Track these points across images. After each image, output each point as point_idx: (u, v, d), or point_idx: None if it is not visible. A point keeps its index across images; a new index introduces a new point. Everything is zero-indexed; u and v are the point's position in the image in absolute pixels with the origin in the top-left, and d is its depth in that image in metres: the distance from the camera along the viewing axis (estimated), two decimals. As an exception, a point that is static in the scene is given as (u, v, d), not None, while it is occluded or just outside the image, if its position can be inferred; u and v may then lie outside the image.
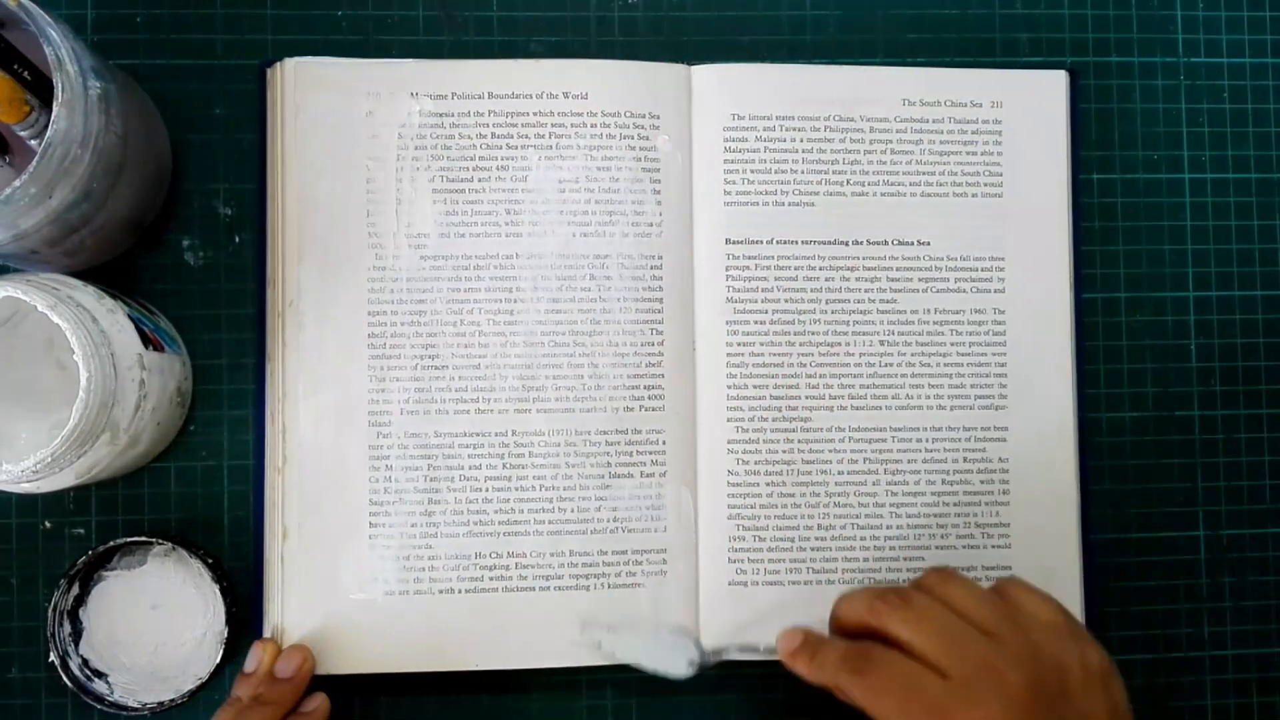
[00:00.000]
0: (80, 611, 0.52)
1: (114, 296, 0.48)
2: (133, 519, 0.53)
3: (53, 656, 0.50)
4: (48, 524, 0.53)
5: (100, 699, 0.50)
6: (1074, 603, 0.54)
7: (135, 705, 0.50)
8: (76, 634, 0.51)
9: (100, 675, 0.51)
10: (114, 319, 0.46)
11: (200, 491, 0.54)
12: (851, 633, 0.44)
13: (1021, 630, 0.42)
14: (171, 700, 0.50)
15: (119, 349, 0.45)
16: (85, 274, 0.50)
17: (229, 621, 0.50)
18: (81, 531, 0.53)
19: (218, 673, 0.51)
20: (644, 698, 0.54)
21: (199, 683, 0.50)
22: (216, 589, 0.51)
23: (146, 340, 0.48)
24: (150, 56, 0.54)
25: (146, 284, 0.54)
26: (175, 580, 0.52)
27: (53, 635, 0.50)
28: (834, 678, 0.43)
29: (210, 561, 0.51)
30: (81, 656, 0.51)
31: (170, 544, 0.50)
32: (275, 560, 0.52)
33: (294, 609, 0.52)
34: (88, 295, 0.46)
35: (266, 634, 0.52)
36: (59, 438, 0.43)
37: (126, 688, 0.51)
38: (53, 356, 0.50)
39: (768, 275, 0.54)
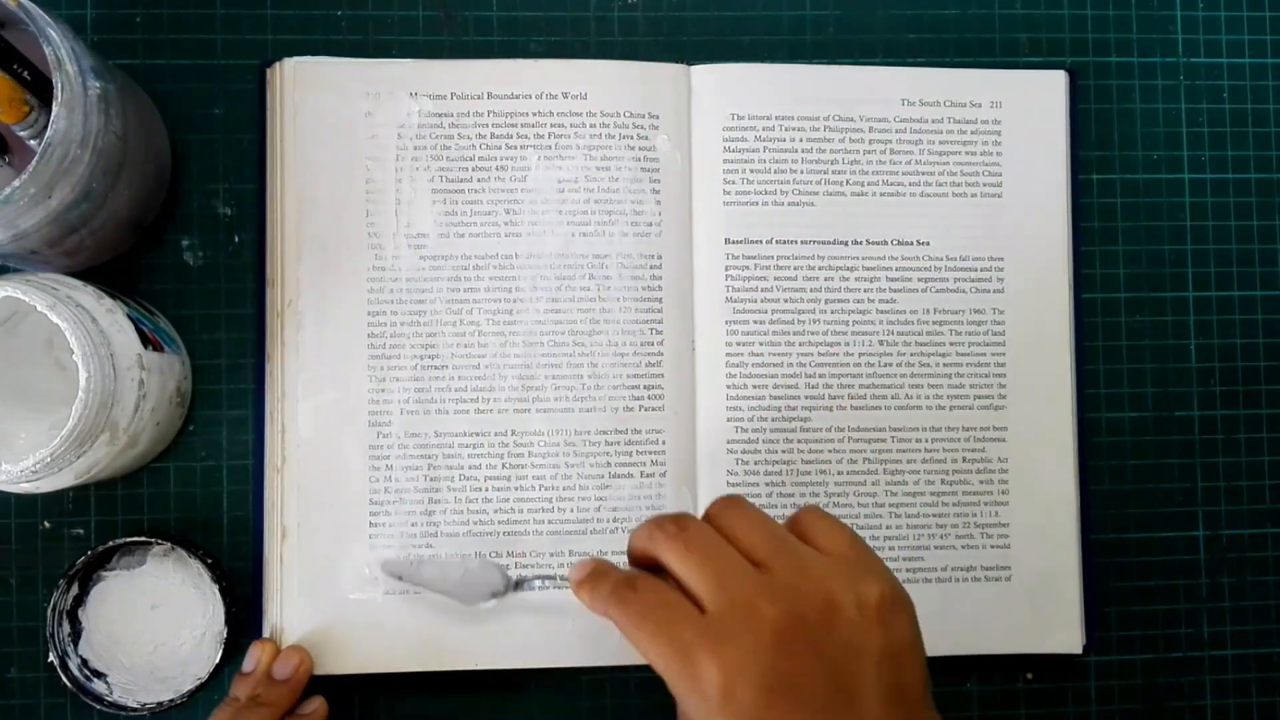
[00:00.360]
0: (80, 611, 0.52)
1: (113, 296, 0.48)
2: (132, 519, 0.53)
3: (52, 656, 0.50)
4: (47, 524, 0.53)
5: (99, 699, 0.50)
6: (1074, 603, 0.54)
7: (134, 705, 0.50)
8: (76, 634, 0.51)
9: (99, 675, 0.51)
10: (113, 319, 0.46)
11: (200, 491, 0.54)
12: (641, 565, 0.42)
13: (796, 561, 0.40)
14: (171, 700, 0.50)
15: (118, 349, 0.45)
16: (85, 274, 0.50)
17: (228, 622, 0.50)
18: (81, 532, 0.53)
19: (217, 673, 0.50)
20: (644, 698, 0.54)
21: (198, 683, 0.50)
22: (216, 589, 0.51)
23: (146, 340, 0.48)
24: (150, 56, 0.54)
25: (146, 284, 0.54)
26: (174, 580, 0.52)
27: (52, 635, 0.50)
28: (604, 607, 0.41)
29: (210, 561, 0.51)
30: (81, 656, 0.51)
31: (169, 544, 0.50)
32: (274, 560, 0.52)
33: (293, 609, 0.52)
34: (87, 295, 0.46)
35: (265, 634, 0.52)
36: (58, 438, 0.43)
37: (126, 688, 0.51)
38: (52, 356, 0.50)
39: (767, 275, 0.54)
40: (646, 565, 0.41)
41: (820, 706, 0.37)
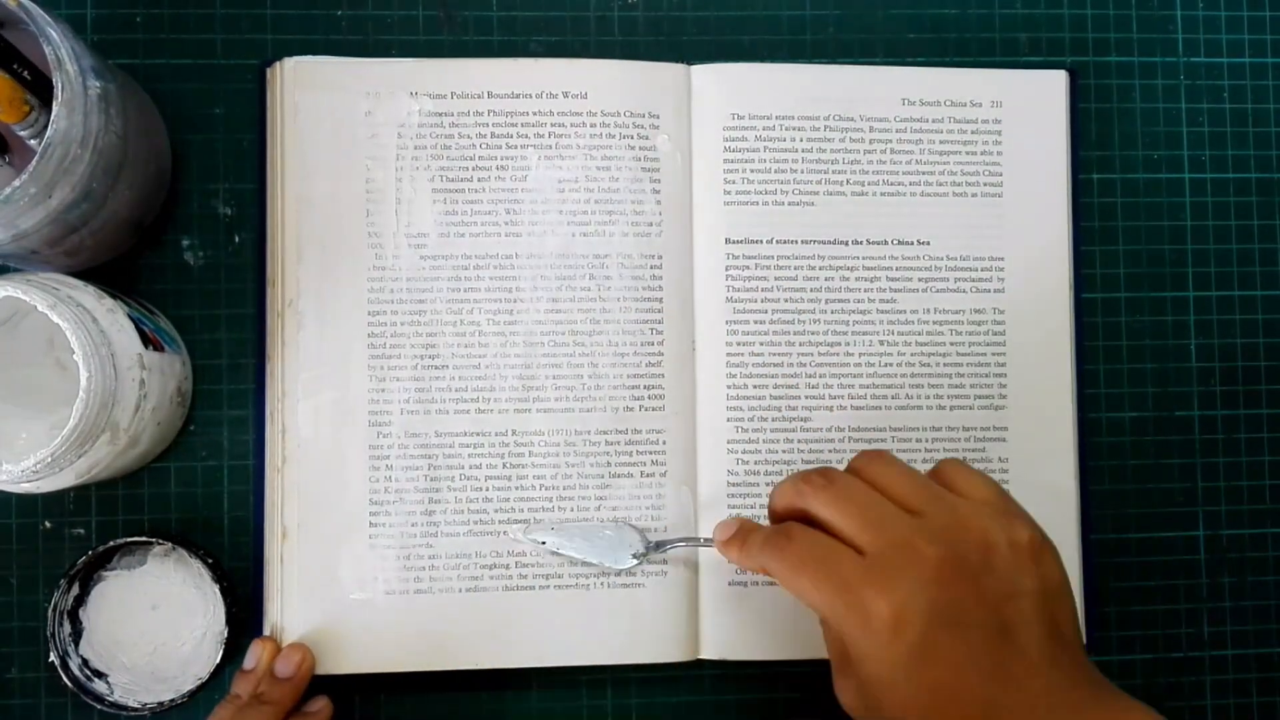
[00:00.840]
0: (80, 611, 0.51)
1: (114, 296, 0.48)
2: (133, 519, 0.53)
3: (53, 656, 0.50)
4: (48, 524, 0.53)
5: (100, 699, 0.50)
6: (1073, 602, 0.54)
7: (135, 705, 0.50)
8: (76, 634, 0.51)
9: (100, 675, 0.51)
10: (114, 319, 0.46)
11: (200, 491, 0.53)
12: (784, 519, 0.43)
13: (947, 506, 0.41)
14: (171, 700, 0.50)
15: (119, 349, 0.45)
16: (85, 274, 0.50)
17: (229, 621, 0.50)
18: (81, 532, 0.53)
19: (218, 673, 0.50)
20: (644, 698, 0.54)
21: (199, 683, 0.50)
22: (216, 589, 0.51)
23: (146, 340, 0.48)
24: (150, 56, 0.54)
25: (146, 284, 0.54)
26: (175, 580, 0.52)
27: (52, 635, 0.50)
28: (758, 559, 0.43)
29: (210, 561, 0.51)
30: (81, 656, 0.51)
31: (170, 544, 0.50)
32: (275, 560, 0.52)
33: (294, 609, 0.52)
34: (88, 295, 0.46)
35: (266, 634, 0.52)
36: (59, 438, 0.43)
37: (126, 688, 0.51)
38: (53, 356, 0.50)
39: (767, 275, 0.54)
40: (789, 520, 0.43)
41: (982, 639, 0.39)
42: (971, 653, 0.39)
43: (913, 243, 0.55)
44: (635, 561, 0.52)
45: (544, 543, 0.52)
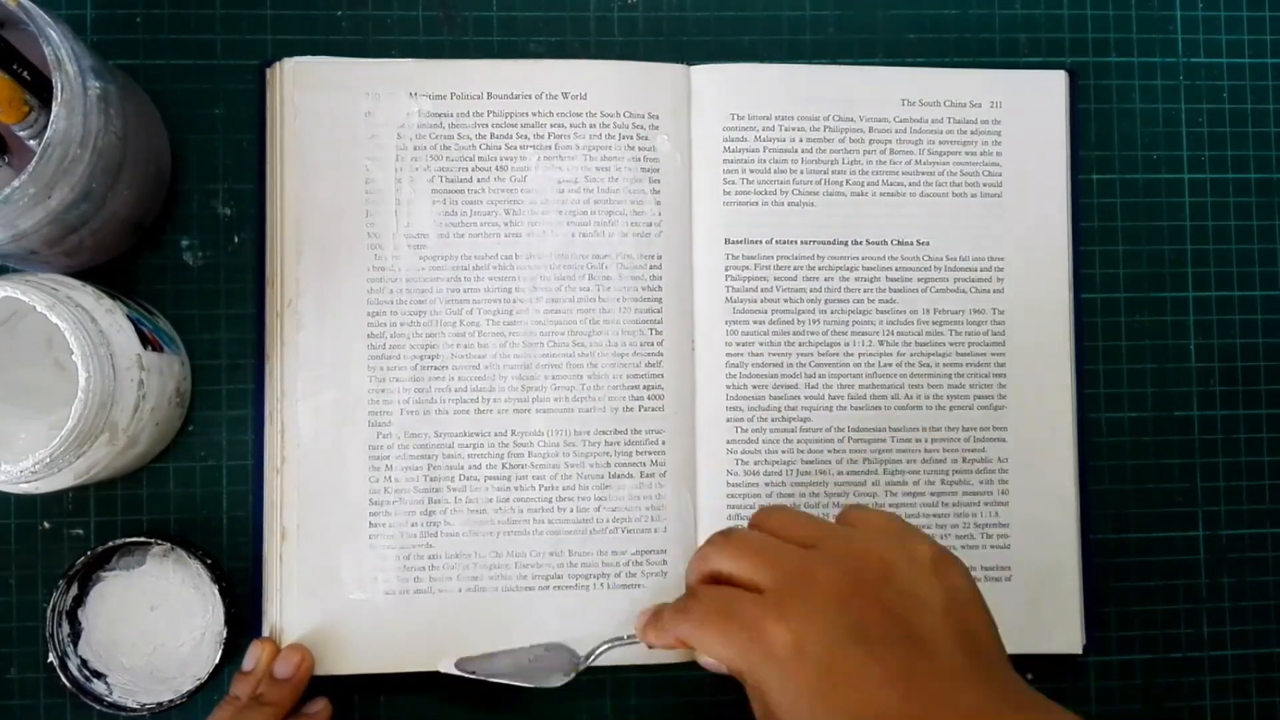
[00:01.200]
0: (79, 612, 0.51)
1: (113, 297, 0.48)
2: (132, 519, 0.53)
3: (51, 657, 0.50)
4: (47, 524, 0.53)
5: (99, 699, 0.50)
6: (1074, 603, 0.54)
7: (134, 706, 0.50)
8: (75, 634, 0.51)
9: (99, 676, 0.51)
10: (113, 319, 0.46)
11: (199, 492, 0.53)
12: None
13: (842, 536, 0.41)
14: (170, 701, 0.50)
15: (118, 349, 0.45)
16: (85, 274, 0.50)
17: (228, 622, 0.50)
18: (80, 532, 0.53)
19: (216, 673, 0.50)
20: (643, 698, 0.54)
21: (198, 683, 0.50)
22: (215, 589, 0.50)
23: (145, 340, 0.48)
24: (150, 56, 0.54)
25: (146, 284, 0.54)
26: (174, 581, 0.52)
27: (51, 635, 0.50)
28: (671, 631, 0.43)
29: (209, 562, 0.51)
30: (80, 657, 0.51)
31: (169, 544, 0.50)
32: (274, 560, 0.52)
33: (293, 609, 0.52)
34: (87, 295, 0.46)
35: (265, 634, 0.52)
36: (57, 438, 0.43)
37: (125, 688, 0.51)
38: (51, 357, 0.50)
39: (767, 275, 0.54)
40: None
41: (892, 654, 0.38)
42: (883, 669, 0.38)
43: (912, 243, 0.55)
44: (567, 679, 0.51)
45: (472, 673, 0.51)
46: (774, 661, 0.38)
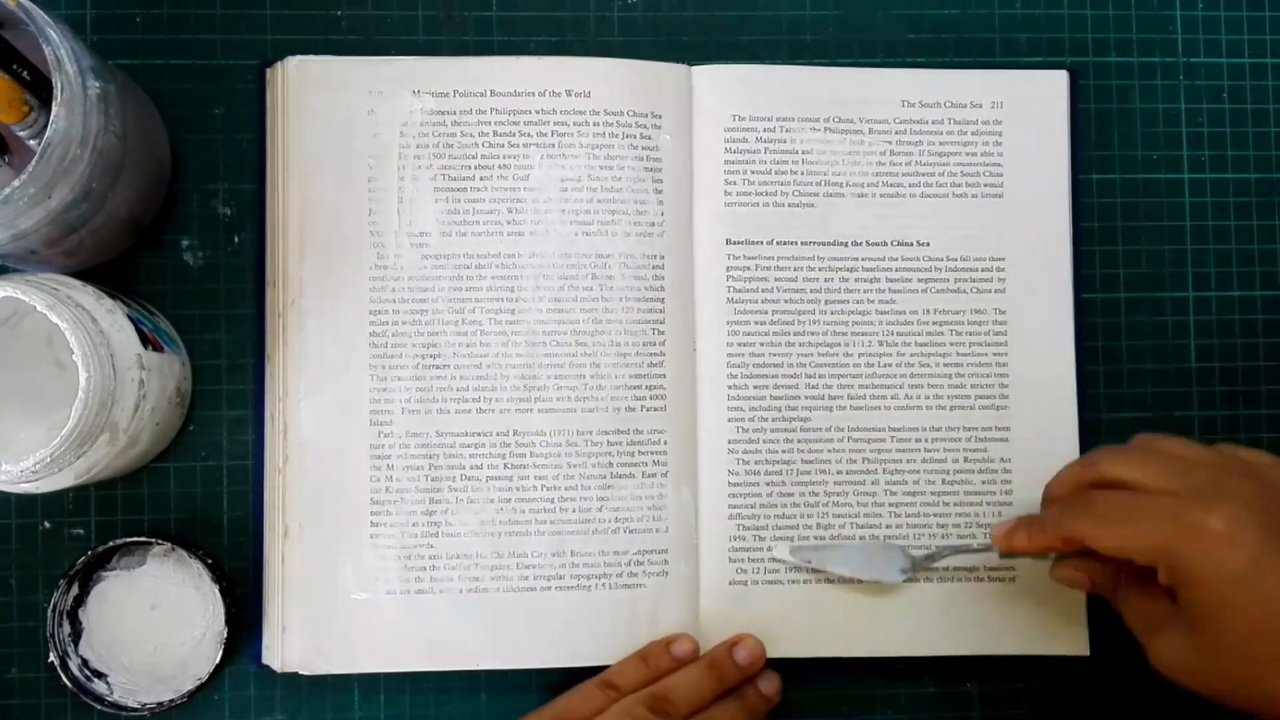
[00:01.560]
0: (80, 612, 0.51)
1: (113, 296, 0.48)
2: (132, 519, 0.53)
3: (52, 657, 0.50)
4: (47, 524, 0.53)
5: (100, 699, 0.50)
6: (1078, 603, 0.54)
7: (135, 705, 0.50)
8: (76, 634, 0.51)
9: (100, 675, 0.51)
10: (113, 319, 0.46)
11: (199, 491, 0.53)
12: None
13: (1239, 458, 0.44)
14: (171, 700, 0.50)
15: (118, 349, 0.45)
16: (85, 274, 0.50)
17: (228, 622, 0.50)
18: (81, 532, 0.53)
19: (217, 673, 0.50)
20: (644, 698, 0.54)
21: (198, 683, 0.50)
22: (216, 589, 0.50)
23: (146, 340, 0.48)
24: (150, 56, 0.54)
25: (146, 284, 0.54)
26: (175, 580, 0.52)
27: (52, 635, 0.50)
28: (1057, 527, 0.44)
29: (210, 562, 0.51)
30: (81, 657, 0.51)
31: (170, 544, 0.50)
32: (276, 560, 0.52)
33: (294, 608, 0.52)
34: (87, 295, 0.46)
35: (267, 633, 0.52)
36: (58, 438, 0.43)
37: (126, 688, 0.51)
38: (52, 356, 0.49)
39: (768, 275, 0.54)
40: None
41: None
42: None
43: (913, 243, 0.55)
44: (904, 577, 0.52)
45: (809, 562, 0.52)
46: (1204, 549, 0.40)
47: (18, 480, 0.44)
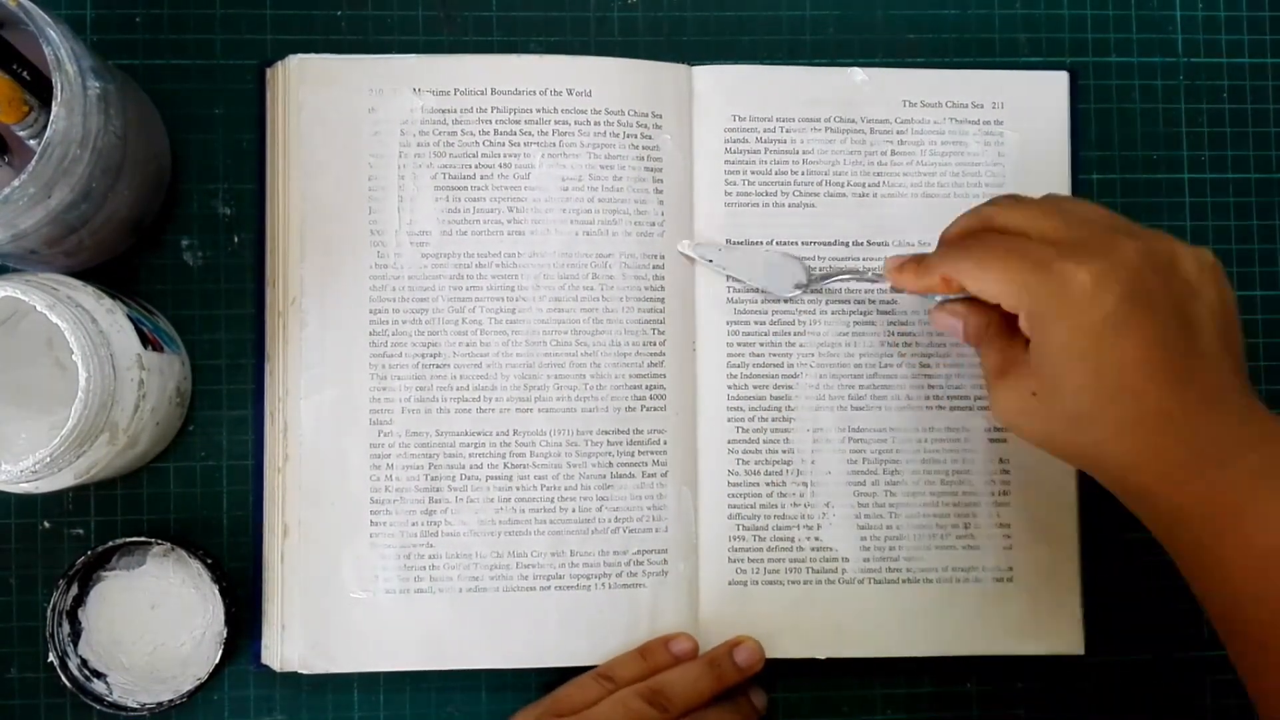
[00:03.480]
0: (79, 612, 0.51)
1: (113, 296, 0.48)
2: (132, 519, 0.53)
3: (51, 656, 0.49)
4: (47, 524, 0.53)
5: (99, 699, 0.50)
6: (1073, 603, 0.54)
7: (134, 705, 0.50)
8: (75, 634, 0.51)
9: (99, 675, 0.51)
10: (113, 319, 0.46)
11: (199, 491, 0.53)
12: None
13: (1131, 224, 0.43)
14: (170, 700, 0.50)
15: (118, 349, 0.45)
16: (85, 274, 0.49)
17: (228, 622, 0.50)
18: (80, 532, 0.53)
19: (217, 673, 0.50)
20: (644, 698, 0.54)
21: (198, 683, 0.50)
22: (216, 589, 0.50)
23: (145, 340, 0.48)
24: (150, 56, 0.54)
25: (146, 284, 0.53)
26: (174, 580, 0.52)
27: (52, 635, 0.50)
28: (940, 266, 0.44)
29: (209, 562, 0.50)
30: (80, 657, 0.51)
31: (169, 544, 0.50)
32: (275, 558, 0.52)
33: (294, 607, 0.52)
34: (87, 295, 0.46)
35: (266, 632, 0.52)
36: (58, 438, 0.43)
37: (125, 688, 0.51)
38: (52, 356, 0.49)
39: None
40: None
41: (1166, 324, 0.41)
42: (1160, 333, 0.40)
43: (914, 244, 0.55)
44: (797, 291, 0.53)
45: (710, 260, 0.53)
46: (1065, 298, 0.40)
47: (18, 480, 0.44)
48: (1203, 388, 0.41)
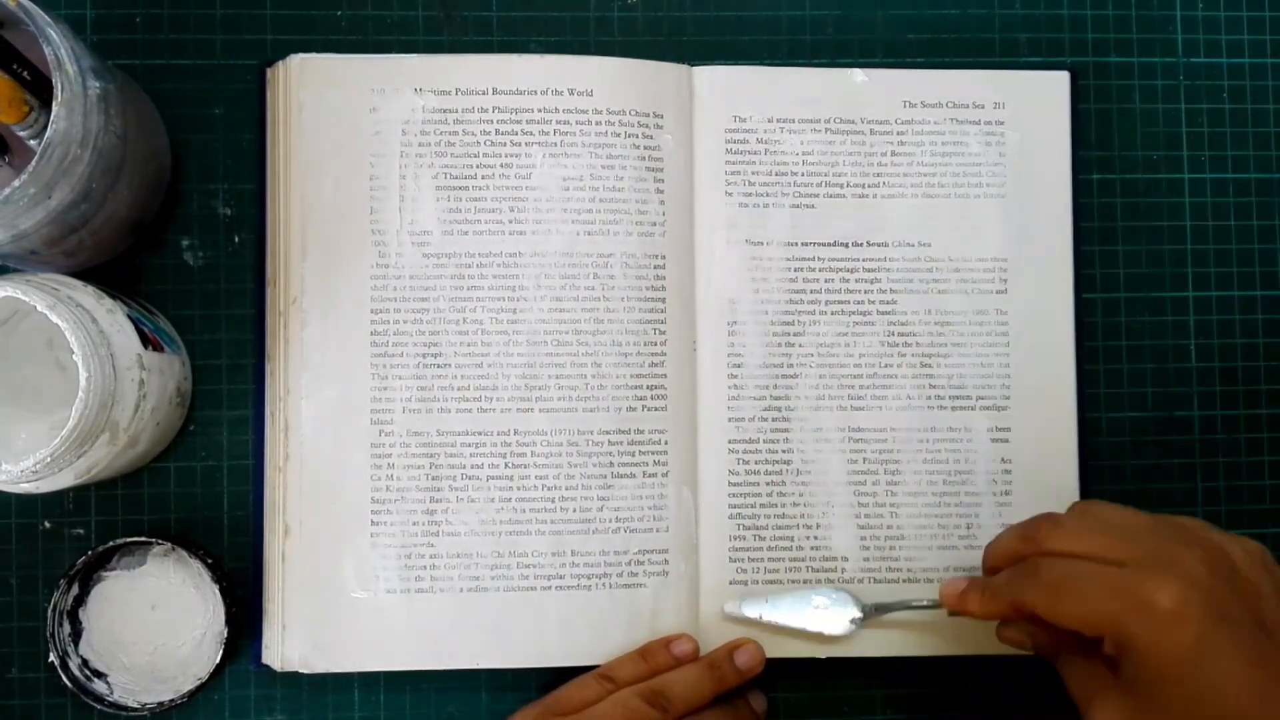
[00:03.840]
0: (80, 612, 0.51)
1: (113, 296, 0.48)
2: (132, 519, 0.53)
3: (52, 657, 0.49)
4: (47, 524, 0.53)
5: (100, 699, 0.50)
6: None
7: (135, 705, 0.50)
8: (76, 634, 0.51)
9: (100, 675, 0.51)
10: (113, 319, 0.46)
11: (200, 491, 0.53)
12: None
13: (1176, 523, 0.43)
14: (171, 700, 0.50)
15: (118, 349, 0.45)
16: (85, 274, 0.49)
17: (229, 622, 0.50)
18: (81, 532, 0.53)
19: (217, 673, 0.50)
20: (644, 698, 0.54)
21: (199, 683, 0.50)
22: (216, 589, 0.50)
23: (146, 340, 0.47)
24: (150, 56, 0.54)
25: (146, 284, 0.53)
26: (175, 580, 0.52)
27: (52, 635, 0.50)
28: (1007, 594, 0.44)
29: (210, 562, 0.50)
30: (81, 657, 0.51)
31: (170, 544, 0.50)
32: (276, 558, 0.52)
33: (295, 607, 0.52)
34: (87, 295, 0.46)
35: (267, 632, 0.52)
36: (58, 438, 0.43)
37: (126, 688, 0.51)
38: (52, 357, 0.49)
39: (769, 276, 0.54)
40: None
41: (1248, 633, 0.40)
42: (1246, 649, 0.40)
43: (914, 243, 0.55)
44: (853, 628, 0.52)
45: (759, 617, 0.52)
46: (1154, 622, 0.39)
47: (18, 480, 0.44)
48: None
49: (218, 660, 0.50)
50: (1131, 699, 0.41)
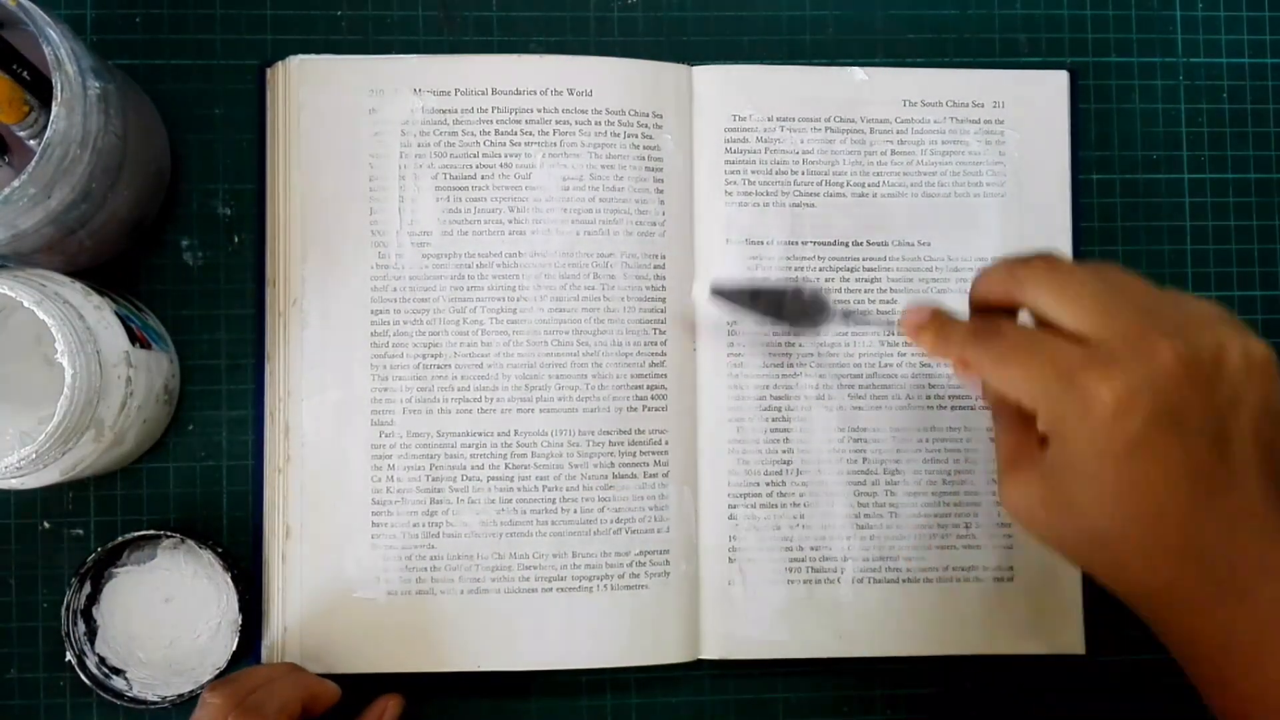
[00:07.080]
0: (94, 609, 0.51)
1: (101, 293, 0.47)
2: (132, 519, 0.52)
3: (69, 656, 0.49)
4: (47, 524, 0.52)
5: (119, 695, 0.49)
6: (1074, 603, 0.53)
7: (154, 699, 0.50)
8: (91, 632, 0.51)
9: (118, 672, 0.51)
10: (101, 315, 0.46)
11: (199, 491, 0.53)
12: (988, 309, 0.41)
13: (1181, 305, 0.38)
14: (191, 691, 0.49)
15: (105, 346, 0.45)
16: (84, 273, 0.49)
17: (243, 609, 0.49)
18: (80, 532, 0.52)
19: (235, 661, 0.49)
20: (643, 698, 0.54)
21: (217, 672, 0.49)
22: (228, 577, 0.50)
23: (134, 337, 0.47)
24: (150, 56, 0.54)
25: (146, 284, 0.53)
26: (186, 572, 0.51)
27: (68, 634, 0.49)
28: (959, 349, 0.41)
29: (220, 551, 0.50)
30: (98, 654, 0.50)
31: (179, 536, 0.50)
32: (277, 559, 0.52)
33: (295, 608, 0.51)
34: (74, 291, 0.46)
35: (267, 633, 0.51)
36: (42, 434, 0.42)
37: (145, 682, 0.50)
38: (40, 353, 0.49)
39: (768, 275, 0.54)
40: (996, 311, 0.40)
41: (1199, 447, 0.37)
42: (1186, 459, 0.36)
43: (914, 243, 0.54)
44: (821, 329, 0.51)
45: (730, 296, 0.51)
46: (1087, 417, 0.36)
47: (4, 476, 0.44)
48: (1229, 510, 0.37)
49: (234, 648, 0.49)
50: (1046, 485, 0.38)
